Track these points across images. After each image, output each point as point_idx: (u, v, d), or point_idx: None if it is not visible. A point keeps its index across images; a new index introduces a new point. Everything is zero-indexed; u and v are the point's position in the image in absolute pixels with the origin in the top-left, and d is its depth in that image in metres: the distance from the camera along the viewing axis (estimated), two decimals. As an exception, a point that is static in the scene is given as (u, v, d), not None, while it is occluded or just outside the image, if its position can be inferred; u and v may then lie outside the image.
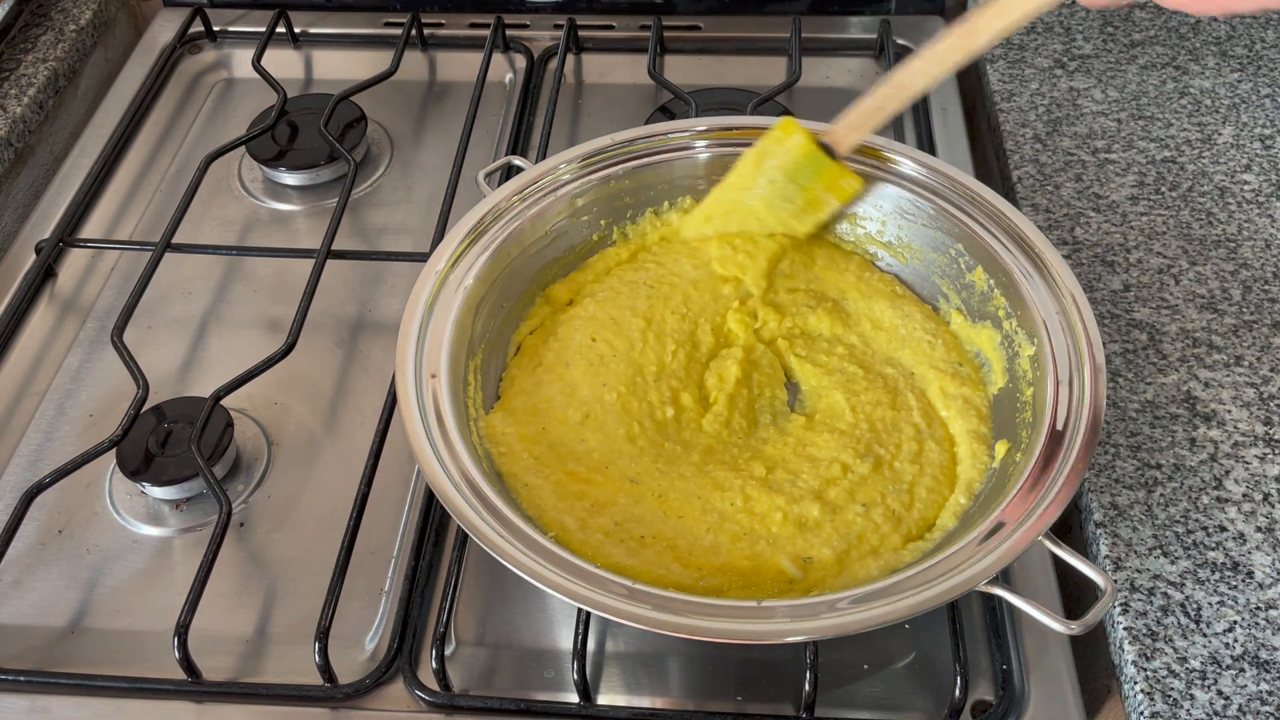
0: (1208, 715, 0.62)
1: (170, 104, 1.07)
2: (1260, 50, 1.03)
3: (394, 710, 0.66)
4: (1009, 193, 0.92)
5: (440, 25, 1.13)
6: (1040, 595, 0.69)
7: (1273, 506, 0.71)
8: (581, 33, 1.11)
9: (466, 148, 0.96)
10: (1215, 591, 0.67)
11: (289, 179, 0.98)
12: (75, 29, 1.10)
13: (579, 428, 0.70)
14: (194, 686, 0.66)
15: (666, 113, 1.02)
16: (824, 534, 0.65)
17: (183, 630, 0.65)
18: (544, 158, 0.94)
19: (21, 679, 0.66)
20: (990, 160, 1.01)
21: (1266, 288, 0.83)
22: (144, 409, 0.76)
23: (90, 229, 0.95)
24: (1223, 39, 1.04)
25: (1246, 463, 0.73)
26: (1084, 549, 0.72)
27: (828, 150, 0.75)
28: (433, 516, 0.73)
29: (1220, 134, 0.95)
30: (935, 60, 0.68)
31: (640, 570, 0.63)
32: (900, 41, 1.09)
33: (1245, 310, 0.81)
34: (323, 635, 0.65)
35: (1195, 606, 0.66)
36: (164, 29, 1.14)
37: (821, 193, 0.77)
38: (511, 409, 0.72)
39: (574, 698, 0.65)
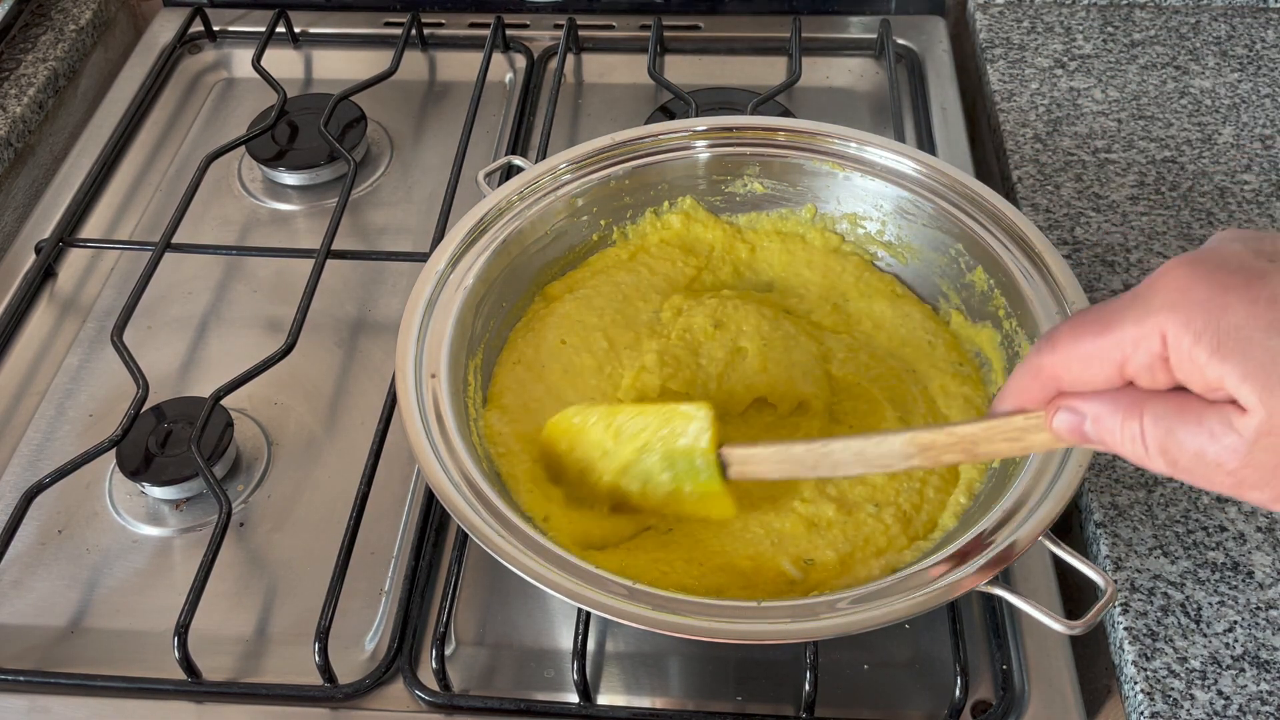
0: (1208, 715, 0.62)
1: (170, 104, 1.08)
2: (1260, 50, 1.03)
3: (394, 710, 0.66)
4: (1009, 193, 0.92)
5: (440, 25, 1.13)
6: (1040, 595, 0.69)
7: (1273, 506, 0.71)
8: (581, 33, 1.11)
9: (466, 148, 0.96)
10: (1215, 591, 0.67)
11: (289, 179, 0.98)
12: (75, 29, 1.10)
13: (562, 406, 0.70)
14: (194, 686, 0.66)
15: (666, 113, 1.02)
16: (832, 535, 0.65)
17: (183, 630, 0.65)
18: (544, 158, 0.93)
19: (21, 679, 0.66)
20: (990, 160, 1.01)
21: (1266, 288, 0.83)
22: (144, 409, 0.76)
23: (90, 229, 0.95)
24: (1223, 39, 1.04)
25: (1246, 463, 0.73)
26: (1084, 549, 0.72)
27: (722, 464, 0.61)
28: (433, 516, 0.73)
29: (1220, 134, 0.95)
30: (865, 459, 0.55)
31: (639, 569, 0.63)
32: (900, 41, 1.09)
33: (1245, 310, 0.81)
34: (323, 635, 0.65)
35: (1195, 606, 0.66)
36: (164, 29, 1.14)
37: (688, 501, 0.63)
38: (504, 407, 0.72)
39: (574, 698, 0.65)
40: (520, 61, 1.10)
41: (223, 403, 0.76)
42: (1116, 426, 0.43)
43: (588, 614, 0.65)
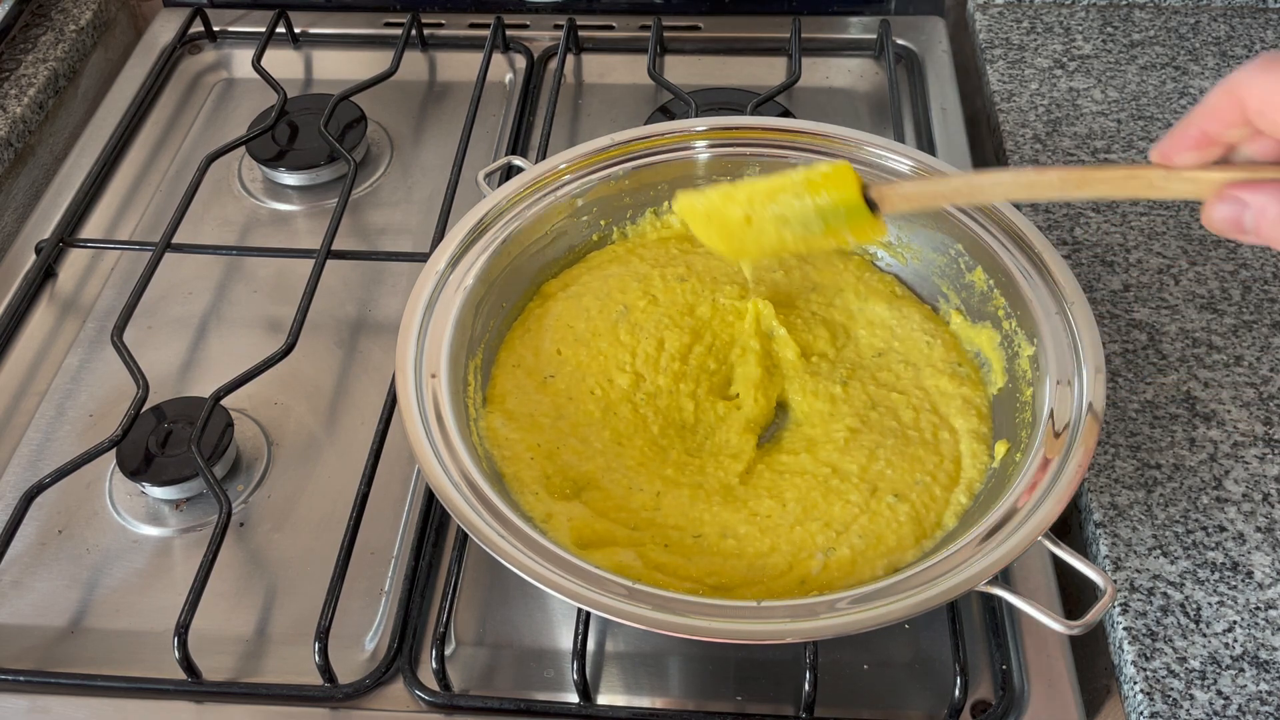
0: (1207, 715, 0.62)
1: (170, 104, 1.08)
2: (1260, 50, 1.03)
3: (394, 710, 0.66)
4: (1009, 193, 0.92)
5: (440, 25, 1.13)
6: (1040, 595, 0.69)
7: (1272, 506, 0.71)
8: (581, 33, 1.11)
9: (466, 148, 0.96)
10: (1215, 591, 0.67)
11: (289, 179, 0.98)
12: (75, 29, 1.10)
13: (581, 445, 0.70)
14: (194, 686, 0.66)
15: (666, 113, 1.03)
16: (850, 533, 0.65)
17: (183, 630, 0.65)
18: (544, 158, 0.94)
19: (21, 679, 0.66)
20: (990, 160, 1.01)
21: (1266, 288, 0.83)
22: (144, 409, 0.76)
23: (90, 229, 0.95)
24: (1222, 39, 1.04)
25: (1246, 463, 0.73)
26: (1084, 549, 0.72)
27: (871, 205, 0.65)
28: (433, 516, 0.73)
29: (1220, 134, 0.95)
30: (1024, 185, 0.60)
31: (642, 569, 0.63)
32: (900, 42, 1.09)
33: (1245, 310, 0.81)
34: (323, 635, 0.65)
35: (1195, 606, 0.66)
36: (164, 29, 1.14)
37: (844, 232, 0.67)
38: (509, 412, 0.72)
39: (574, 698, 0.65)
40: (520, 62, 1.10)
41: (223, 403, 0.76)
42: (1277, 218, 0.45)
43: (588, 614, 0.65)
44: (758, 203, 0.67)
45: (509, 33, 1.11)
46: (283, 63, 1.10)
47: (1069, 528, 0.75)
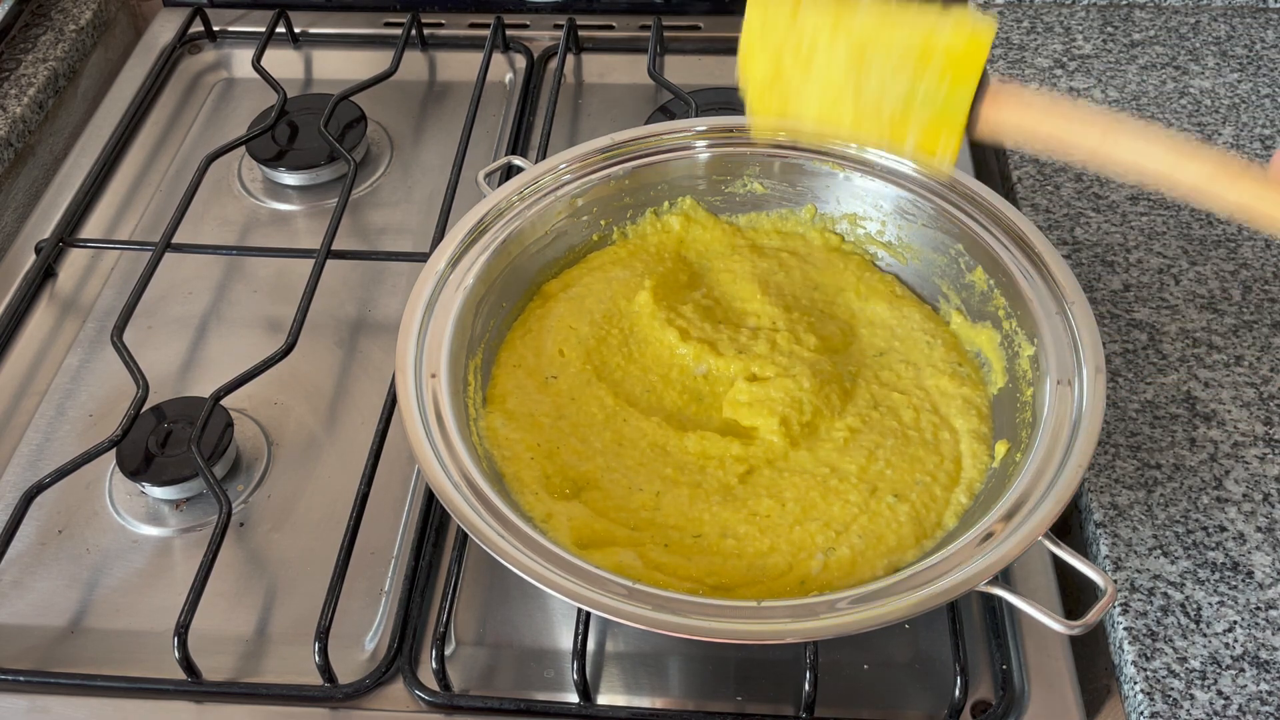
0: (1207, 715, 0.62)
1: (170, 104, 1.08)
2: (1260, 50, 1.03)
3: (394, 710, 0.66)
4: (1009, 193, 0.92)
5: (440, 25, 1.13)
6: (1040, 595, 0.69)
7: (1273, 506, 0.71)
8: (581, 33, 1.11)
9: (466, 148, 0.96)
10: (1215, 591, 0.67)
11: (289, 179, 0.98)
12: (75, 29, 1.10)
13: (581, 445, 0.70)
14: (194, 686, 0.66)
15: (666, 113, 1.02)
16: (849, 533, 0.65)
17: (183, 630, 0.65)
18: (544, 158, 0.94)
19: (21, 679, 0.66)
20: (990, 160, 1.01)
21: (1266, 288, 0.83)
22: (144, 409, 0.76)
23: (90, 229, 0.95)
24: (1223, 39, 1.04)
25: (1246, 463, 0.73)
26: (1084, 549, 0.72)
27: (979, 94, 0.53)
28: (433, 516, 0.73)
29: (1220, 134, 0.95)
30: (1170, 160, 0.48)
31: (642, 569, 0.63)
32: (900, 41, 1.09)
33: (1245, 310, 0.81)
34: (323, 635, 0.65)
35: (1195, 606, 0.66)
36: (164, 29, 1.14)
37: (915, 127, 0.55)
38: (510, 412, 0.72)
39: (574, 698, 0.65)
40: (520, 61, 1.10)
41: (223, 403, 0.76)
42: None
43: (588, 614, 0.65)
44: (838, 54, 0.54)
45: (509, 33, 1.11)
46: (283, 63, 1.10)
47: (1069, 528, 0.75)
